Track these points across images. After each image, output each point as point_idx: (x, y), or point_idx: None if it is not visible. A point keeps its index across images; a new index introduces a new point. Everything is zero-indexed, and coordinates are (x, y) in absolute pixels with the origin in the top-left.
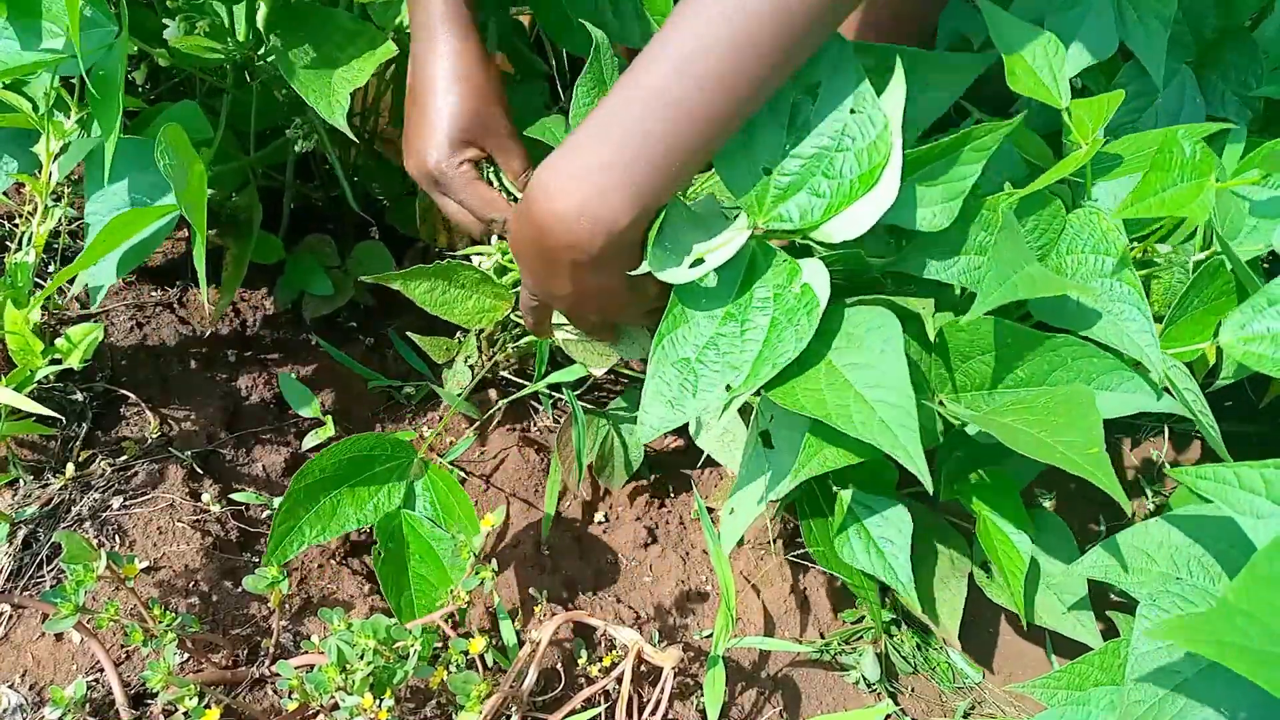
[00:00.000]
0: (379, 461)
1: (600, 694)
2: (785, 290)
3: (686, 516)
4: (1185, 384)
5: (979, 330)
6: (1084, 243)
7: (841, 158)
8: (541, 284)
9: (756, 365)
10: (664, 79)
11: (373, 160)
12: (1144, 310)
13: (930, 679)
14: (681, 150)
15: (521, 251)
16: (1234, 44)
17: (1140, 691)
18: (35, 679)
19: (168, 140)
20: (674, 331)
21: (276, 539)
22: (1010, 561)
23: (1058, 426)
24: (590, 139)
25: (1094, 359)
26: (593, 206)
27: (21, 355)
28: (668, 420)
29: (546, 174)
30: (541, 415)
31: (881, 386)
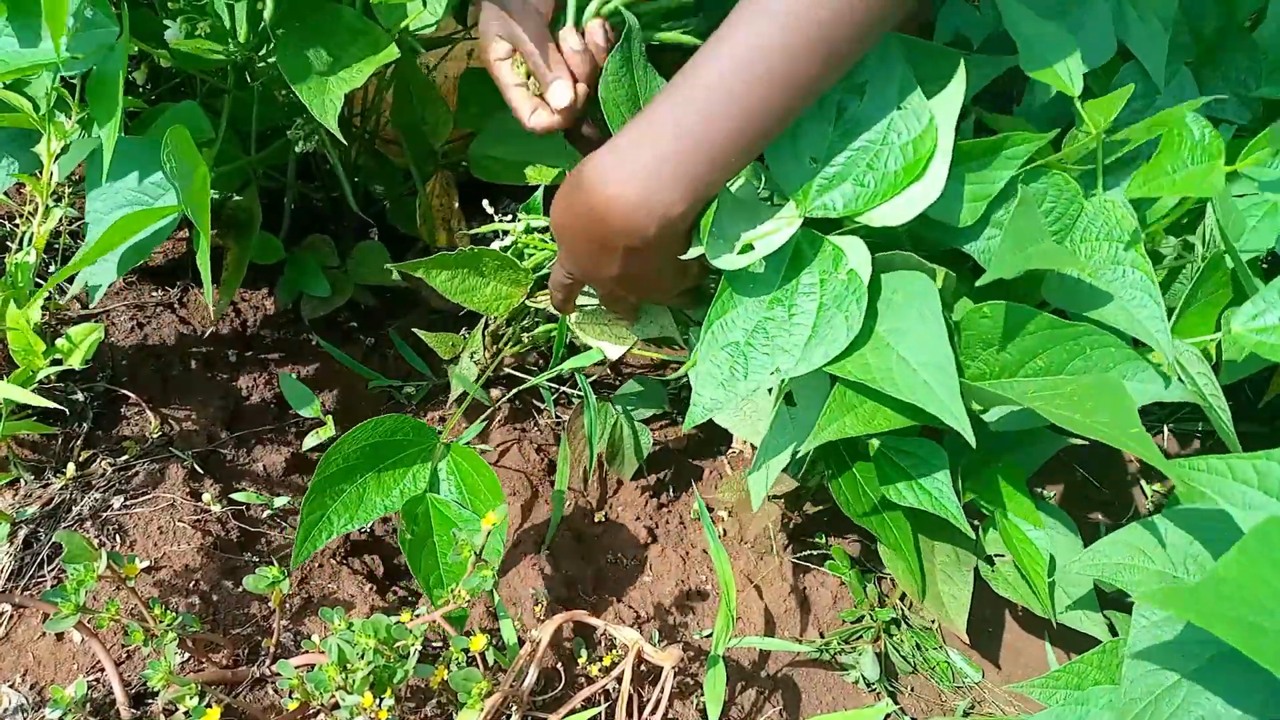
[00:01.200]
0: (402, 446)
1: (600, 693)
2: (831, 276)
3: (686, 516)
4: (1199, 368)
5: (1001, 316)
6: (1097, 230)
7: (886, 151)
8: (585, 266)
9: (807, 350)
10: (722, 77)
11: (373, 160)
12: (1155, 297)
13: (930, 678)
14: (737, 145)
15: (569, 235)
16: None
17: (1137, 689)
18: (36, 678)
19: (173, 143)
20: (723, 316)
21: (305, 530)
22: (1031, 560)
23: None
24: (650, 132)
25: (1111, 349)
26: (651, 197)
27: (23, 355)
28: (719, 401)
29: (605, 163)
30: (544, 415)
31: (923, 350)
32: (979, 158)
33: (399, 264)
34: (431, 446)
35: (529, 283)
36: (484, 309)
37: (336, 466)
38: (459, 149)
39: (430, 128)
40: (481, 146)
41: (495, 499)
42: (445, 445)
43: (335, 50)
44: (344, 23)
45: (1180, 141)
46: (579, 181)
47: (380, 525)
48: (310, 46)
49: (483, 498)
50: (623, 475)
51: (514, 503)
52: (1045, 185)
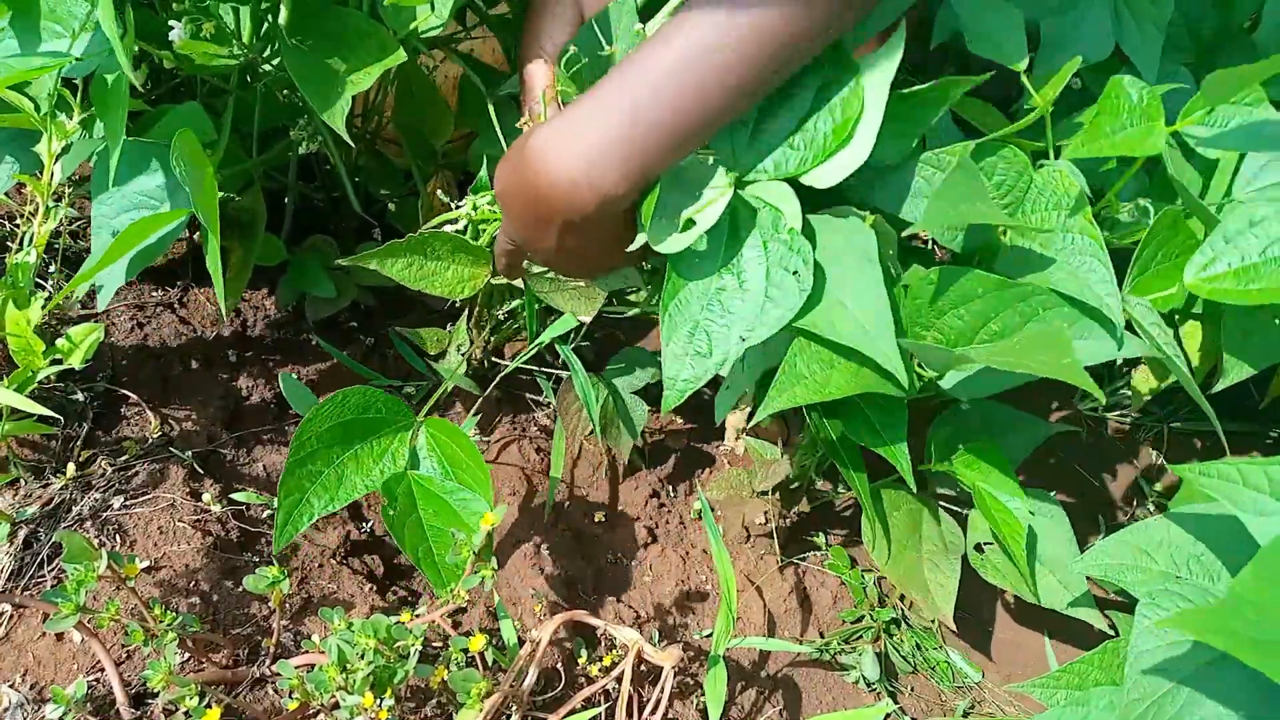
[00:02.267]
0: (378, 425)
1: (600, 693)
2: (773, 237)
3: (686, 516)
4: (1150, 320)
5: (951, 282)
6: (1047, 199)
7: (816, 114)
8: (525, 234)
9: (763, 314)
10: (675, 65)
11: (374, 161)
12: (1104, 260)
13: (930, 678)
14: (687, 129)
15: (510, 203)
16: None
17: (1139, 690)
18: (36, 678)
19: (181, 145)
20: (676, 296)
21: (285, 512)
22: (1009, 529)
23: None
24: (597, 112)
25: (1065, 309)
26: (593, 176)
27: (23, 355)
28: (692, 380)
29: (549, 138)
30: (541, 414)
31: (861, 294)
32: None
33: (349, 258)
34: (409, 423)
35: (489, 259)
36: (448, 293)
37: (310, 447)
38: (460, 149)
39: (431, 128)
40: (483, 146)
41: (478, 469)
42: (422, 421)
43: (343, 53)
44: (352, 25)
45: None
46: (523, 153)
47: (380, 525)
48: (319, 49)
49: (465, 468)
50: (620, 450)
51: (513, 501)
52: (996, 158)
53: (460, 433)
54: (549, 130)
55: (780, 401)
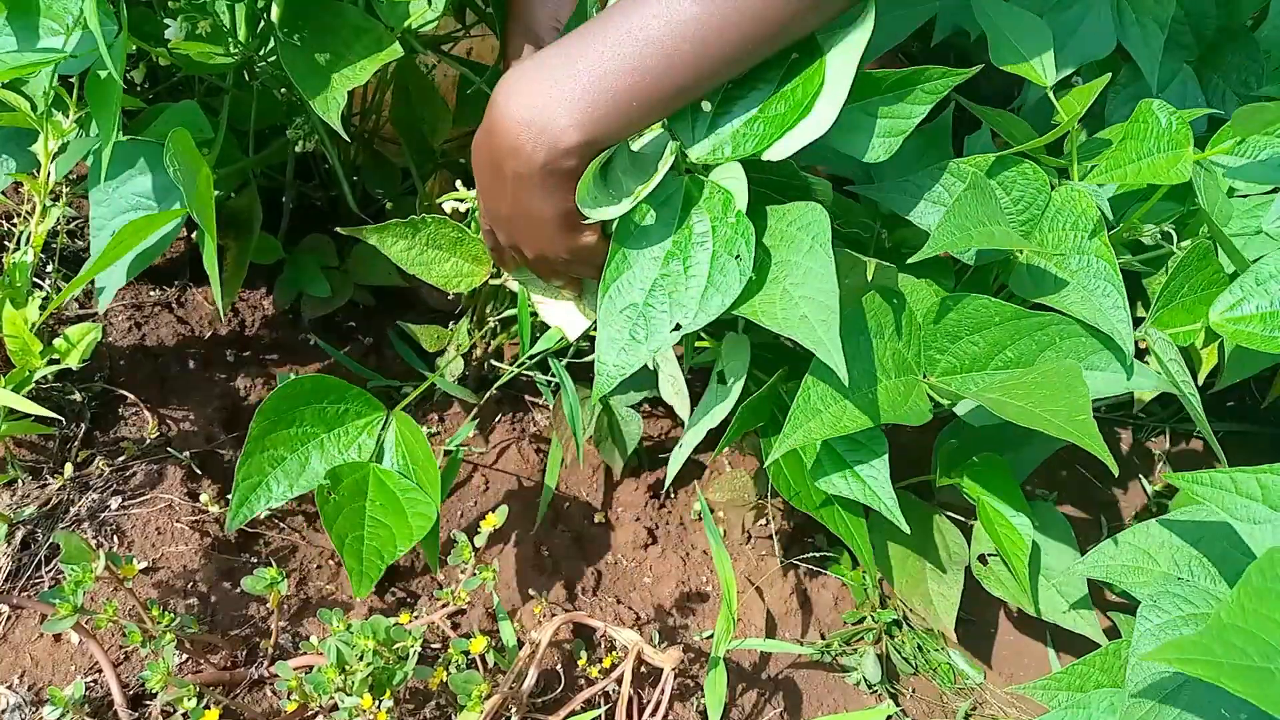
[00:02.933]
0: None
1: (600, 695)
2: (721, 221)
3: (686, 516)
4: (1170, 355)
5: (967, 308)
6: (1064, 220)
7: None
8: (485, 199)
9: (704, 301)
10: (652, 22)
11: (372, 160)
12: (1118, 286)
13: (931, 680)
14: (645, 90)
15: (475, 159)
16: (1235, 44)
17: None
18: (34, 679)
19: (175, 145)
20: (619, 278)
21: (241, 495)
22: (1012, 544)
23: (1044, 398)
24: (560, 56)
25: (1082, 339)
26: (544, 117)
27: (20, 355)
28: (623, 366)
29: (511, 78)
30: (541, 416)
31: (806, 283)
32: (893, 89)
33: (348, 228)
34: (379, 417)
35: (490, 260)
36: (444, 284)
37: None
38: (458, 148)
39: (429, 127)
40: None
41: (431, 470)
42: (393, 414)
43: (339, 48)
44: (347, 21)
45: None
46: (493, 94)
47: None
48: (314, 45)
49: (422, 466)
50: (612, 464)
51: (513, 503)
52: (1014, 174)
53: (419, 431)
54: (511, 73)
55: (795, 439)
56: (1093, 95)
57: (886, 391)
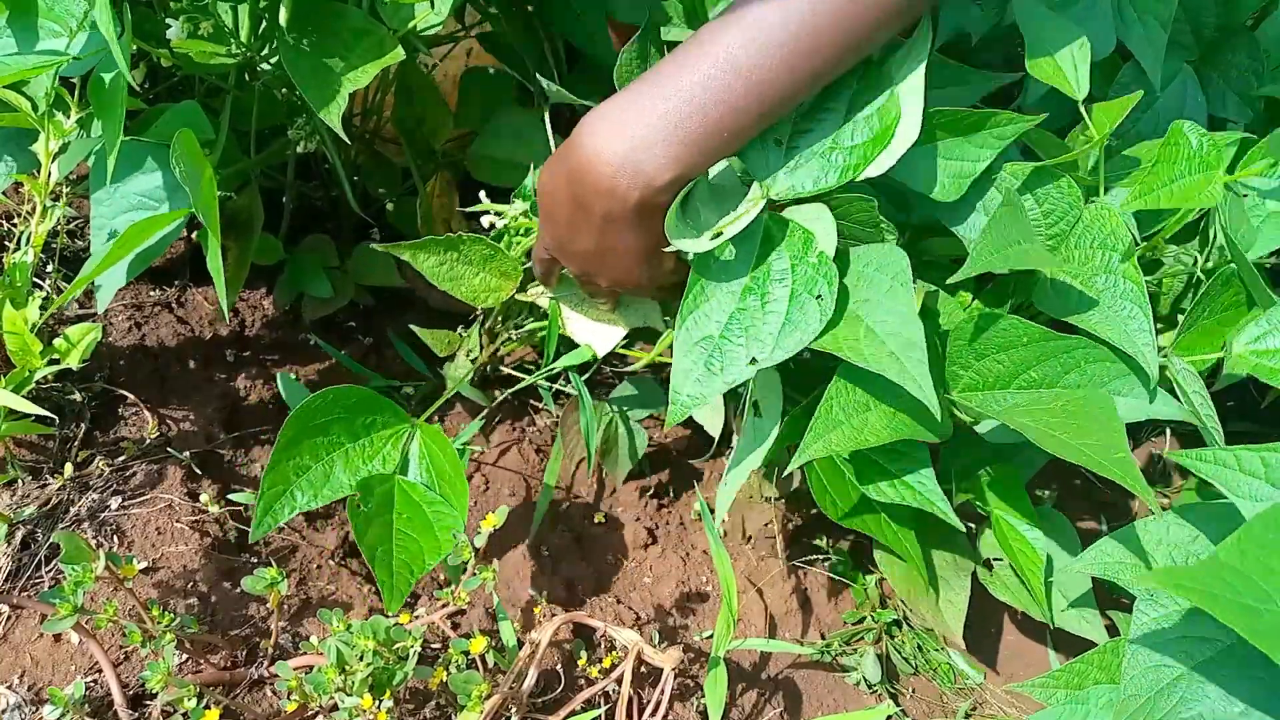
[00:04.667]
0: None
1: (600, 695)
2: (802, 260)
3: (686, 516)
4: (1194, 388)
5: (995, 327)
6: (1093, 238)
7: (851, 126)
8: (561, 234)
9: (781, 337)
10: (734, 47)
11: (373, 160)
12: (1145, 309)
13: (931, 680)
14: (736, 119)
15: (550, 196)
16: (1235, 43)
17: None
18: (34, 679)
19: (180, 145)
20: (696, 310)
21: (266, 503)
22: (1027, 560)
23: (1079, 429)
24: (648, 92)
25: (1107, 363)
26: (637, 157)
27: (20, 355)
28: (697, 397)
29: (596, 118)
30: (541, 416)
31: (891, 321)
32: (962, 131)
33: (385, 245)
34: (404, 427)
35: (519, 276)
36: (472, 299)
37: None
38: (459, 148)
39: (430, 127)
40: (481, 147)
41: (459, 483)
42: (417, 426)
43: (341, 51)
44: (349, 23)
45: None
46: (570, 138)
47: None
48: (316, 47)
49: (448, 480)
50: (616, 475)
51: (513, 503)
52: (1051, 188)
53: (449, 445)
54: (596, 113)
55: (816, 449)
56: (1124, 112)
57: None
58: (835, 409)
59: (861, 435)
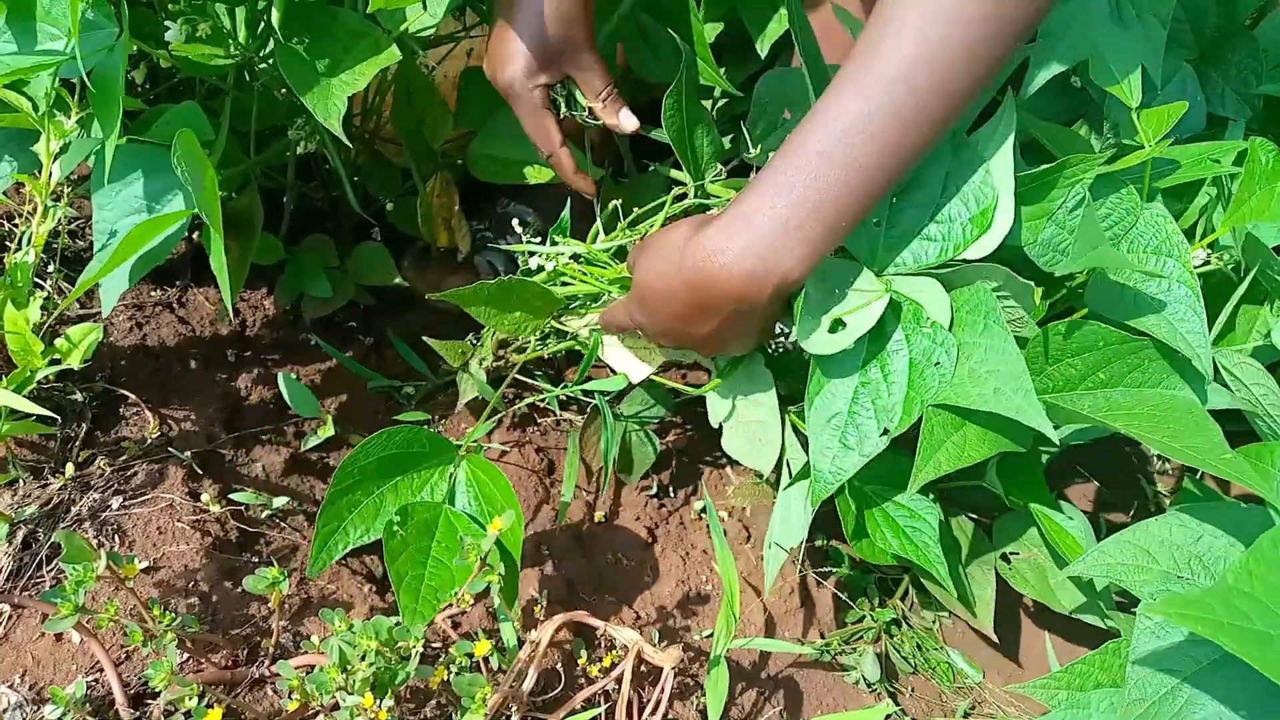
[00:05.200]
0: (419, 459)
1: (600, 694)
2: (915, 330)
3: (687, 516)
4: (1255, 379)
5: (1075, 333)
6: (1146, 242)
7: (949, 204)
8: (670, 326)
9: (907, 406)
10: (833, 142)
11: (373, 160)
12: (1199, 313)
13: (930, 679)
14: (849, 209)
15: (662, 300)
16: (1234, 42)
17: (1139, 691)
18: (35, 679)
19: (182, 146)
20: (821, 391)
21: (321, 540)
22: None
23: (1175, 433)
24: (768, 200)
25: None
26: (770, 265)
27: (21, 355)
28: (838, 472)
29: (718, 236)
30: (543, 418)
31: (989, 360)
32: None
33: (441, 293)
34: (450, 459)
35: (556, 309)
36: (510, 331)
37: (352, 479)
38: (458, 148)
39: (430, 127)
40: (481, 146)
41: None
42: (463, 456)
43: (337, 53)
44: (345, 25)
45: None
46: (688, 251)
47: None
48: (312, 49)
49: (498, 508)
50: (629, 481)
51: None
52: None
53: (498, 473)
54: (712, 231)
55: (928, 473)
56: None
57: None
58: (937, 430)
59: (963, 454)
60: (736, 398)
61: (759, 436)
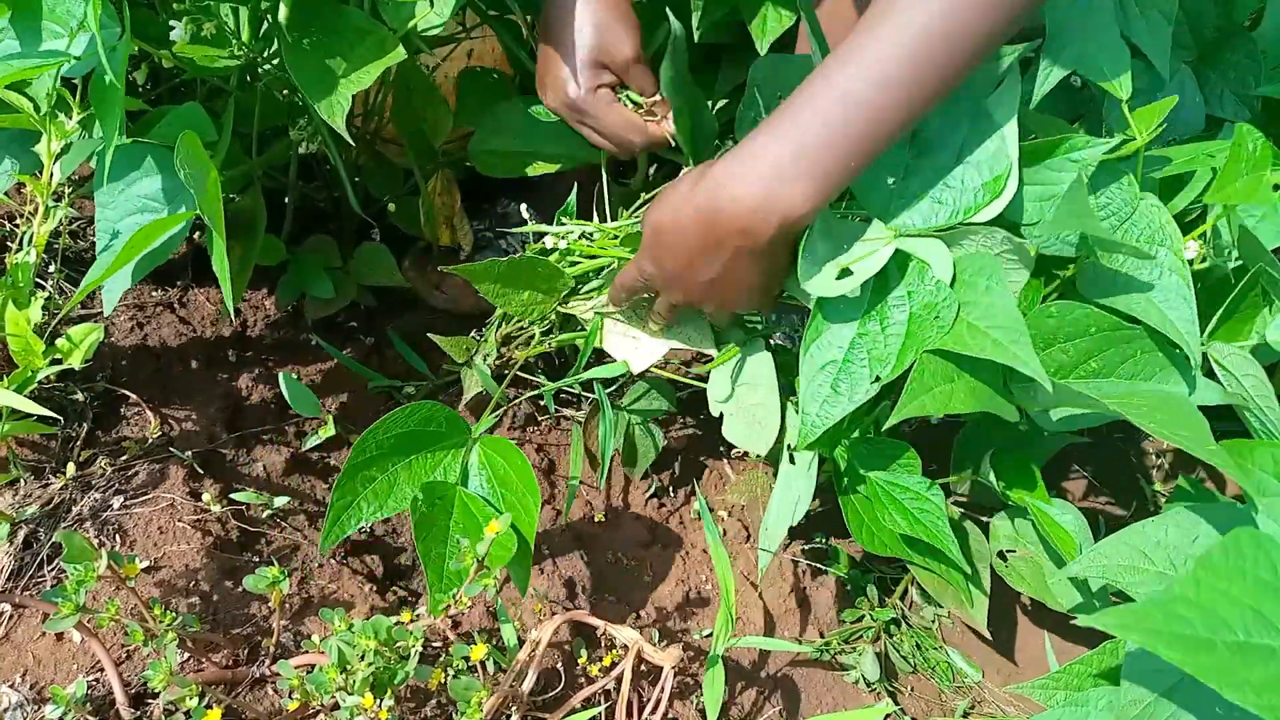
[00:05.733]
0: (436, 437)
1: (600, 693)
2: (919, 287)
3: (686, 516)
4: (1245, 370)
5: (1068, 316)
6: (1139, 231)
7: (961, 170)
8: (677, 268)
9: (901, 355)
10: (853, 81)
11: (374, 160)
12: (1190, 303)
13: (930, 678)
14: (861, 148)
15: (672, 236)
16: (1233, 43)
17: (1136, 691)
18: (36, 678)
19: (185, 147)
20: (818, 339)
21: (335, 514)
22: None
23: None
24: (777, 135)
25: (1155, 353)
26: (775, 197)
27: (23, 355)
28: (825, 418)
29: (733, 163)
30: (543, 415)
31: (991, 314)
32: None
33: (453, 267)
34: (464, 439)
35: (565, 291)
36: (517, 313)
37: (369, 454)
38: (459, 148)
39: (431, 127)
40: (481, 141)
41: (530, 491)
42: (477, 438)
43: (342, 51)
44: (351, 24)
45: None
46: (700, 183)
47: (380, 525)
48: (318, 48)
49: (514, 490)
50: (633, 475)
51: None
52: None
53: (516, 452)
54: (727, 159)
55: (910, 409)
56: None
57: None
58: (926, 375)
59: (949, 403)
60: (737, 383)
61: (758, 419)
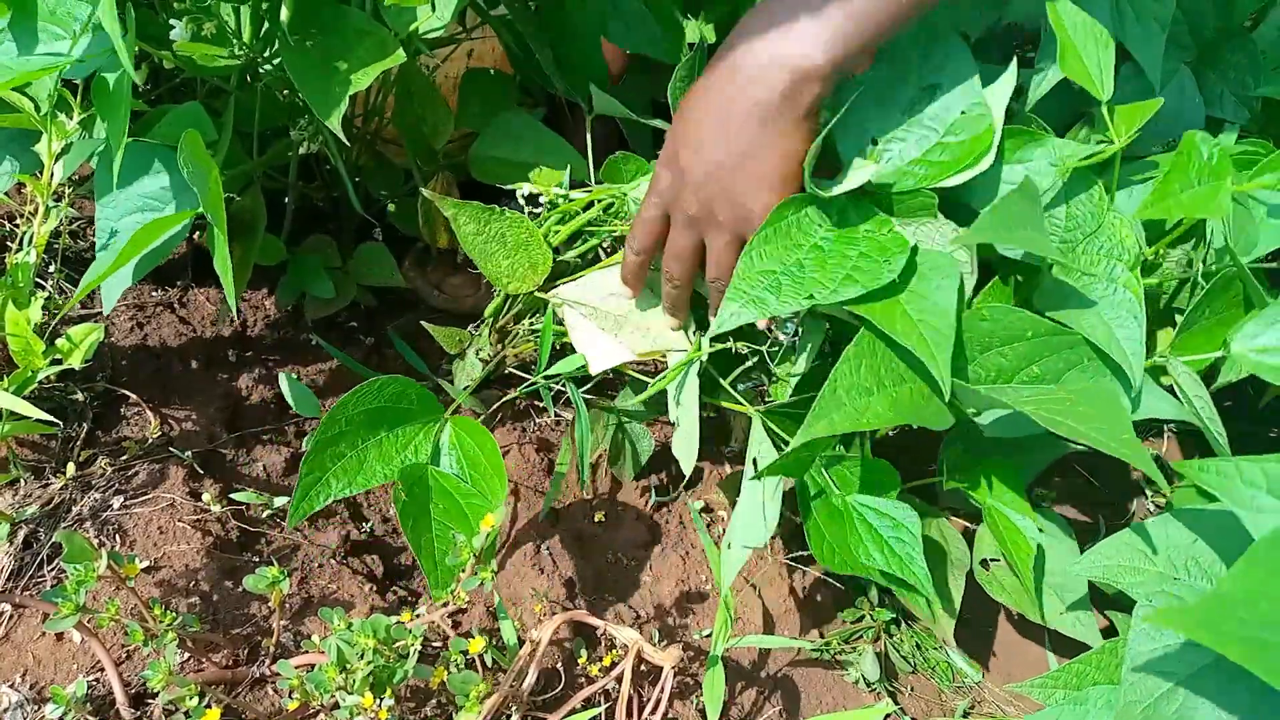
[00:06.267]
0: (407, 415)
1: (600, 693)
2: (878, 232)
3: (686, 516)
4: (1195, 391)
5: (1002, 320)
6: (1100, 244)
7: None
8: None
9: (842, 284)
10: None
11: (375, 161)
12: (1140, 320)
13: (929, 678)
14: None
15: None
16: (1233, 44)
17: (1136, 692)
18: (36, 678)
19: (187, 147)
20: (765, 246)
21: (303, 490)
22: (1019, 549)
23: (1084, 415)
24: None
25: (1108, 360)
26: (785, 48)
27: (23, 355)
28: (742, 316)
29: (749, 19)
30: (543, 416)
31: (930, 313)
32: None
33: (433, 194)
34: (436, 417)
35: (547, 270)
36: (493, 279)
37: (338, 428)
38: (460, 149)
39: (431, 128)
40: (483, 148)
41: (497, 474)
42: (448, 417)
43: (342, 52)
44: (351, 25)
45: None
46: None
47: (380, 525)
48: (318, 48)
49: (483, 471)
50: (623, 476)
51: (514, 501)
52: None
53: (485, 434)
54: (748, 16)
55: (818, 429)
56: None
57: (911, 393)
58: (839, 390)
59: (862, 418)
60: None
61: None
